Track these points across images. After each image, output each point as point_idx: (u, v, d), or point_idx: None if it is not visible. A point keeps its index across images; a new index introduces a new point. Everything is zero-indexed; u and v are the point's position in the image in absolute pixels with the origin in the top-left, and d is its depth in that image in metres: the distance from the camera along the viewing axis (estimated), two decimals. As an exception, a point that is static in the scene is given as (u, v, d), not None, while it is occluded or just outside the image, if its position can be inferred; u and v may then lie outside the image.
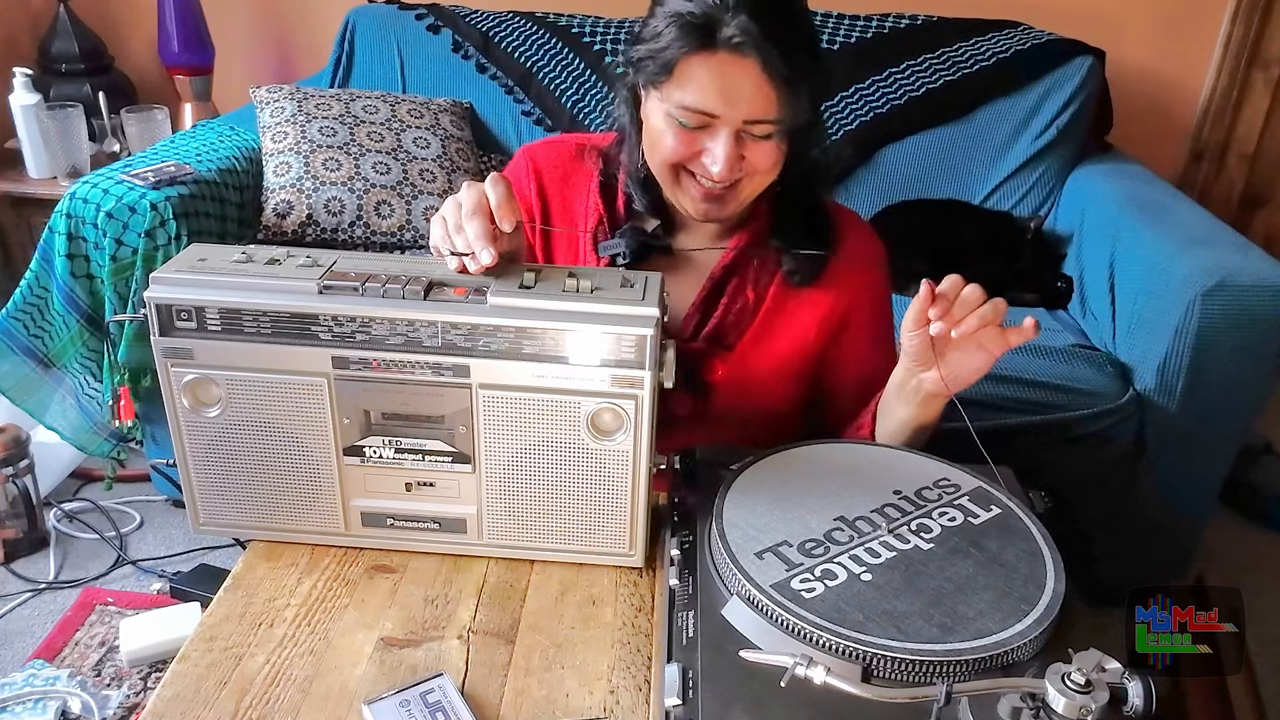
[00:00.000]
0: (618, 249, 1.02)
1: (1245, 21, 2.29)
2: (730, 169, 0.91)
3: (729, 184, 0.94)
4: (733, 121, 0.90)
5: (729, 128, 0.90)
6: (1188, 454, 1.63)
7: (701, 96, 0.89)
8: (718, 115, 0.90)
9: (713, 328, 1.04)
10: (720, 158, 0.91)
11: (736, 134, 0.91)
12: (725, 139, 0.90)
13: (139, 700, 1.51)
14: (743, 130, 0.91)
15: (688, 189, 0.96)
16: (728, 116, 0.89)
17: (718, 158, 0.91)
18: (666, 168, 0.96)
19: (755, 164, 0.93)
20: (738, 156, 0.91)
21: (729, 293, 1.05)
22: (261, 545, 0.89)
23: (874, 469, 0.88)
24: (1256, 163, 2.46)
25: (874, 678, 0.66)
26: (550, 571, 0.87)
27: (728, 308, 1.05)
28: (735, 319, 1.05)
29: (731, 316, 1.05)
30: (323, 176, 1.93)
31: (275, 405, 0.81)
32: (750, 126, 0.90)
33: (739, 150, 0.91)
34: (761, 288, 1.05)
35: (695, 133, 0.92)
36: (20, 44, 2.50)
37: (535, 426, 0.80)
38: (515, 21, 2.25)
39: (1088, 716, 0.58)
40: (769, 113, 0.89)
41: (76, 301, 1.70)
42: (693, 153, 0.93)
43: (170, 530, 1.95)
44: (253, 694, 0.73)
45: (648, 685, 0.75)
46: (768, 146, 0.92)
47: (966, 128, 2.14)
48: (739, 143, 0.91)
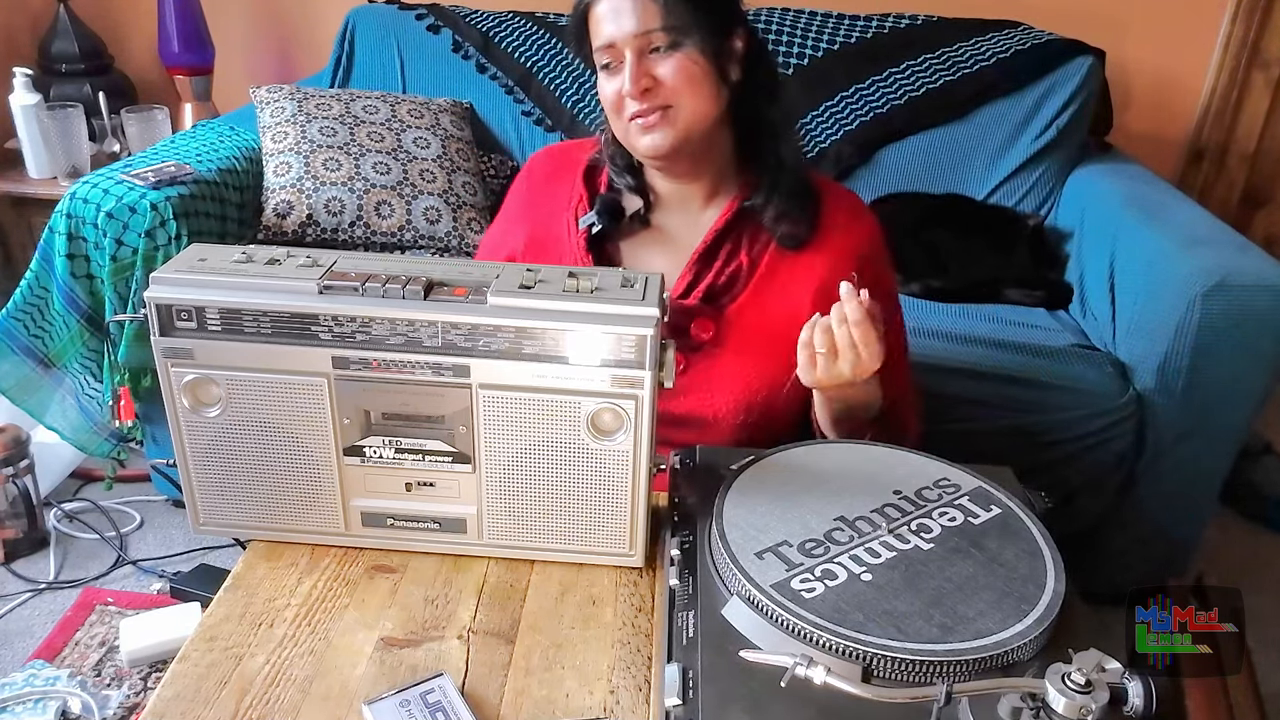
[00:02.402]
0: (592, 219, 1.08)
1: (1245, 21, 2.29)
2: (636, 84, 0.97)
3: (658, 108, 0.99)
4: (627, 41, 0.97)
5: (628, 49, 0.98)
6: (1188, 454, 1.63)
7: (601, 31, 0.99)
8: (614, 42, 0.98)
9: (704, 289, 1.07)
10: (626, 77, 0.98)
11: (638, 53, 0.98)
12: (630, 60, 0.98)
13: (139, 700, 1.51)
14: (641, 46, 0.98)
15: (632, 131, 1.02)
16: (621, 38, 0.97)
17: (624, 78, 0.98)
18: (614, 119, 1.03)
19: (670, 81, 0.99)
20: (643, 73, 0.98)
21: (722, 256, 1.08)
22: (261, 545, 0.89)
23: (874, 469, 0.88)
24: (1256, 163, 2.46)
25: (874, 678, 0.66)
26: (550, 571, 0.87)
27: (720, 270, 1.07)
28: (727, 281, 1.07)
29: (723, 279, 1.07)
30: (323, 176, 1.93)
31: (275, 405, 0.81)
32: (645, 39, 0.97)
33: (644, 68, 0.98)
34: (755, 254, 1.08)
35: (614, 72, 1.00)
36: (20, 44, 2.50)
37: (535, 426, 0.80)
38: (515, 21, 2.25)
39: (1088, 716, 0.58)
40: (654, 21, 0.97)
41: (76, 301, 1.70)
42: (619, 91, 1.00)
43: (170, 530, 1.95)
44: (253, 694, 0.73)
45: (648, 685, 0.76)
46: (676, 60, 0.98)
47: (966, 128, 2.13)
48: (643, 60, 0.98)
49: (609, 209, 1.08)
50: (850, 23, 2.18)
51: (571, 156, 1.16)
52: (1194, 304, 1.50)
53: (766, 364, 1.06)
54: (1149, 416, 1.62)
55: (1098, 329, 1.81)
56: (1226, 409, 1.59)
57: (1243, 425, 1.62)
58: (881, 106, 2.13)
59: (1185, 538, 1.74)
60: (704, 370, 1.06)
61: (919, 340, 1.71)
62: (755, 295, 1.07)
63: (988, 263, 2.00)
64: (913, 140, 2.14)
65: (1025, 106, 2.11)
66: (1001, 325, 1.84)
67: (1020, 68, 2.10)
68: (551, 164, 1.18)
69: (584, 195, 1.12)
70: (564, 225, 1.12)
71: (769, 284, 1.07)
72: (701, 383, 1.06)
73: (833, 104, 2.13)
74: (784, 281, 1.07)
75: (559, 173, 1.16)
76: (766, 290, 1.07)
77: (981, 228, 2.06)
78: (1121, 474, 1.68)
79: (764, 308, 1.07)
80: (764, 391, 1.06)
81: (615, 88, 1.00)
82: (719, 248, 1.08)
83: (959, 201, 2.12)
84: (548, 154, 1.21)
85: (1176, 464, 1.64)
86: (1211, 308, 1.50)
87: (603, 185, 1.12)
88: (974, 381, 1.65)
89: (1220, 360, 1.53)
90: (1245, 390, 1.57)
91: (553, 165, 1.17)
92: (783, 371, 1.10)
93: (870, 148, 2.14)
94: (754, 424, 1.07)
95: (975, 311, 1.89)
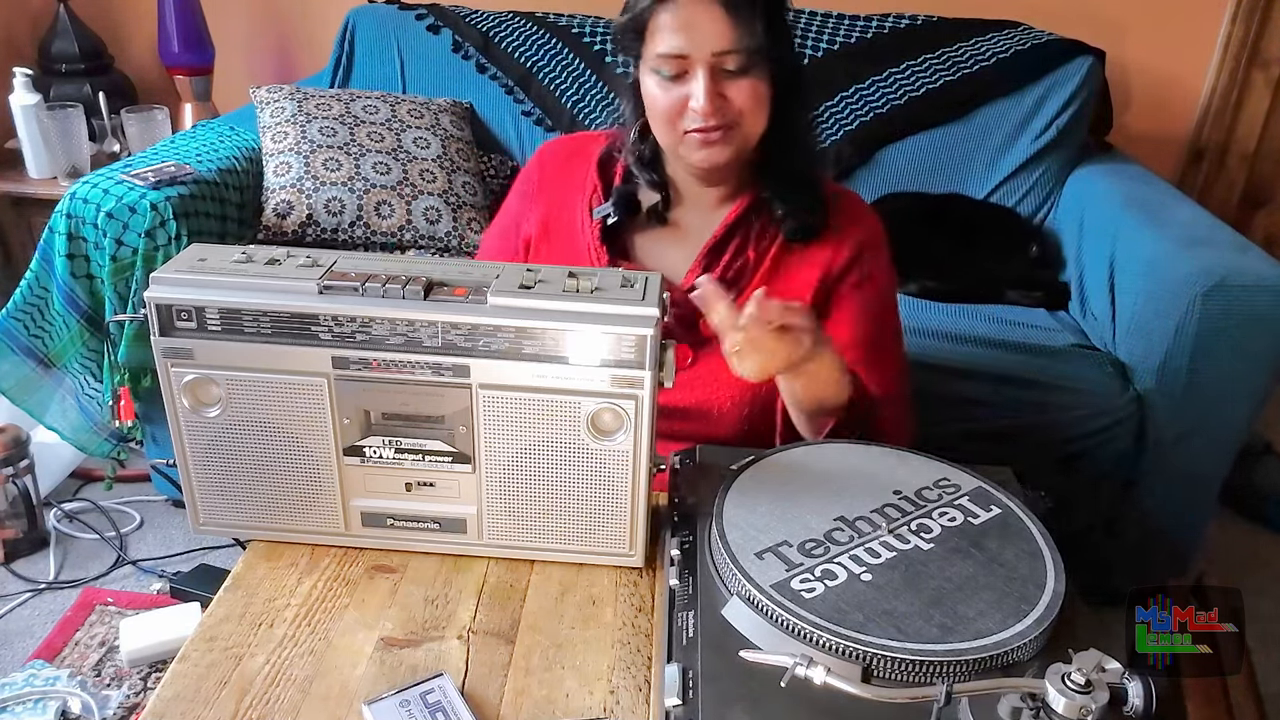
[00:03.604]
0: (607, 210, 1.08)
1: (1245, 21, 2.29)
2: (711, 102, 0.97)
3: (722, 127, 0.99)
4: (703, 57, 0.96)
5: (701, 65, 0.97)
6: (1188, 454, 1.63)
7: (670, 40, 0.97)
8: (687, 54, 0.97)
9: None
10: (700, 93, 0.97)
11: (711, 70, 0.97)
12: (702, 76, 0.97)
13: (139, 700, 1.51)
14: (715, 64, 0.97)
15: (688, 143, 1.01)
16: (697, 53, 0.96)
17: (698, 94, 0.97)
18: (664, 126, 1.02)
19: (739, 102, 0.99)
20: (716, 93, 0.97)
21: (730, 251, 1.09)
22: (261, 545, 0.89)
23: (874, 469, 0.88)
24: (1256, 163, 2.46)
25: (874, 678, 0.66)
26: (550, 571, 0.87)
27: (728, 265, 1.09)
28: (734, 276, 1.09)
29: (731, 274, 1.09)
30: (323, 176, 1.93)
31: (275, 405, 0.81)
32: (721, 59, 0.96)
33: (717, 87, 0.97)
34: (761, 249, 1.09)
35: (676, 82, 0.99)
36: (20, 44, 2.50)
37: (535, 426, 0.80)
38: (515, 21, 2.24)
39: (1088, 716, 0.58)
40: (732, 42, 0.96)
41: (76, 301, 1.70)
42: (679, 102, 0.99)
43: (170, 530, 1.95)
44: (253, 694, 0.73)
45: (648, 685, 0.75)
46: (747, 84, 0.98)
47: (966, 128, 2.13)
48: (716, 80, 0.97)
49: (624, 202, 1.09)
50: (850, 23, 2.18)
51: (584, 147, 1.17)
52: (1194, 304, 1.50)
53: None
54: (1149, 416, 1.62)
55: (1098, 329, 1.81)
56: (1226, 409, 1.59)
57: (1243, 425, 1.62)
58: (881, 106, 2.13)
59: (1185, 538, 1.74)
60: (710, 363, 1.07)
61: (919, 340, 1.71)
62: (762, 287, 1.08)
63: (987, 264, 2.00)
64: (913, 140, 2.14)
65: (1025, 107, 2.11)
66: (1001, 325, 1.84)
67: (1020, 68, 2.10)
68: (565, 152, 1.18)
69: (598, 186, 1.12)
70: (577, 215, 1.13)
71: (774, 277, 1.09)
72: (707, 375, 1.08)
73: (833, 104, 2.13)
74: (787, 276, 1.09)
75: (572, 160, 1.16)
76: (771, 284, 1.08)
77: (981, 228, 2.06)
78: (1121, 474, 1.67)
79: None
80: (767, 383, 1.06)
81: (674, 98, 0.99)
82: (728, 241, 1.09)
83: (959, 201, 2.12)
84: (560, 143, 1.21)
85: (1176, 464, 1.64)
86: (1211, 308, 1.50)
87: (617, 177, 1.12)
88: (974, 381, 1.65)
89: (1220, 360, 1.53)
90: (1245, 390, 1.57)
91: (566, 153, 1.18)
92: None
93: (870, 148, 2.14)
94: (756, 416, 1.08)
95: (975, 311, 1.89)
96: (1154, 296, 1.61)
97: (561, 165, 1.17)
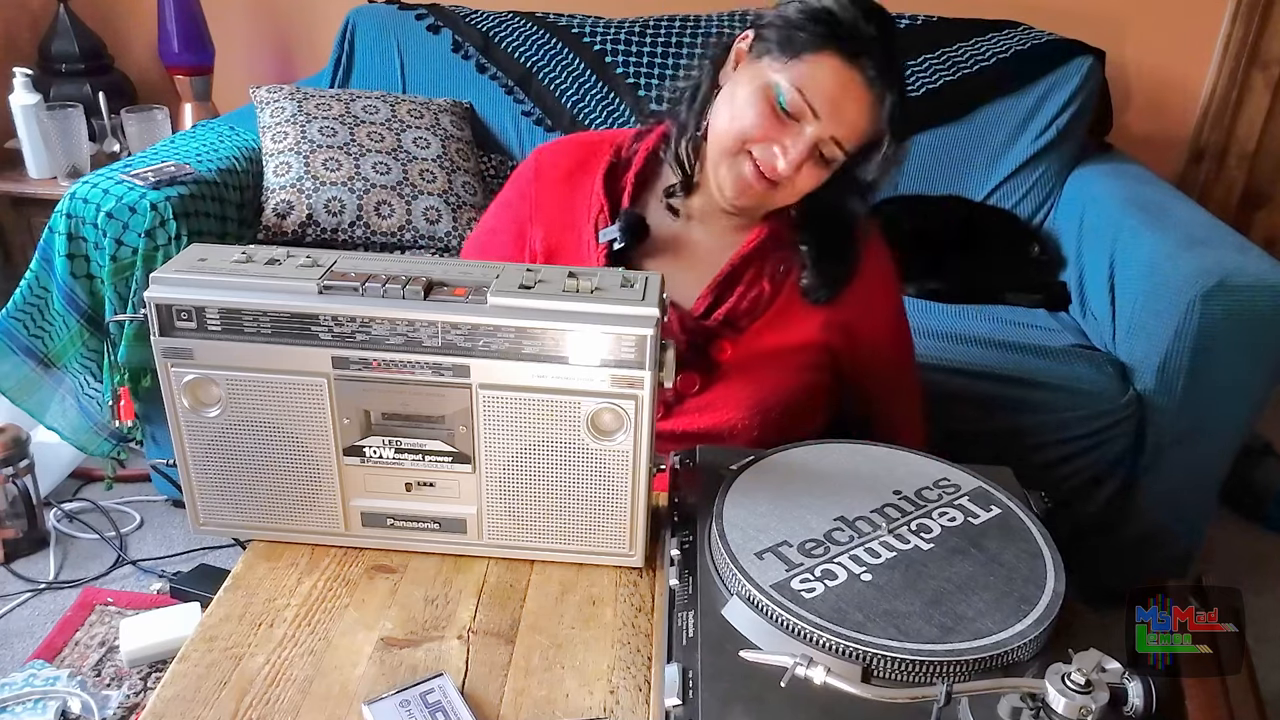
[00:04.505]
0: (614, 235, 1.05)
1: (1245, 21, 2.29)
2: (792, 169, 0.96)
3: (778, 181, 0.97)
4: (822, 131, 0.94)
5: (815, 134, 0.95)
6: (1188, 454, 1.63)
7: (813, 90, 0.93)
8: (809, 116, 0.94)
9: (725, 311, 1.06)
10: (793, 157, 0.95)
11: (813, 146, 0.95)
12: (806, 141, 0.95)
13: (139, 700, 1.51)
14: (821, 143, 0.95)
15: (742, 165, 0.98)
16: (823, 124, 0.94)
17: (789, 153, 0.95)
18: (735, 138, 0.98)
19: (799, 179, 0.97)
20: (801, 161, 0.96)
21: (746, 281, 1.07)
22: (261, 545, 0.89)
23: (874, 469, 0.88)
24: (1256, 163, 2.46)
25: (874, 678, 0.66)
26: (550, 571, 0.87)
27: (743, 295, 1.07)
28: (749, 306, 1.07)
29: (745, 304, 1.07)
30: (323, 176, 1.93)
31: (275, 405, 0.81)
32: (830, 144, 0.95)
33: (803, 157, 0.96)
34: (778, 282, 1.07)
35: (784, 121, 0.95)
36: (20, 44, 2.50)
37: (535, 426, 0.80)
38: (515, 21, 2.24)
39: (1088, 717, 0.58)
40: (854, 138, 0.95)
41: (76, 301, 1.70)
42: (768, 137, 0.96)
43: (170, 530, 1.95)
44: (253, 694, 0.73)
45: (648, 685, 0.75)
46: (820, 172, 0.97)
47: (966, 128, 2.13)
48: (809, 152, 0.95)
49: (632, 226, 1.05)
50: (850, 23, 2.17)
51: (585, 160, 1.11)
52: (1194, 304, 1.50)
53: (780, 379, 1.07)
54: (1149, 416, 1.62)
55: (1097, 329, 1.81)
56: (1226, 409, 1.59)
57: (1243, 425, 1.62)
58: (881, 106, 2.12)
59: (1185, 538, 1.74)
60: (720, 389, 1.06)
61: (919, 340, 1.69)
62: (775, 319, 1.07)
63: (987, 264, 1.99)
64: (913, 140, 2.14)
65: (1025, 107, 2.11)
66: (1001, 326, 1.84)
67: (1020, 68, 2.10)
68: (566, 163, 1.12)
69: (604, 205, 1.07)
70: (582, 237, 1.08)
71: (788, 309, 1.07)
72: (718, 401, 1.06)
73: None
74: (802, 308, 1.08)
75: (575, 175, 1.11)
76: (785, 314, 1.07)
77: (981, 229, 2.06)
78: (1121, 474, 1.68)
79: (782, 329, 1.07)
80: (778, 407, 1.07)
81: (767, 126, 0.95)
82: (744, 270, 1.07)
83: (958, 203, 2.12)
84: (558, 150, 1.14)
85: (1176, 464, 1.64)
86: (1211, 308, 1.50)
87: (625, 194, 1.08)
88: (974, 381, 1.65)
89: (1220, 360, 1.53)
90: (1245, 390, 1.57)
91: (567, 165, 1.11)
92: (802, 388, 1.10)
93: (870, 148, 2.14)
94: (769, 435, 1.07)
95: (975, 312, 1.89)
96: (1154, 297, 1.61)
97: (561, 183, 1.11)
